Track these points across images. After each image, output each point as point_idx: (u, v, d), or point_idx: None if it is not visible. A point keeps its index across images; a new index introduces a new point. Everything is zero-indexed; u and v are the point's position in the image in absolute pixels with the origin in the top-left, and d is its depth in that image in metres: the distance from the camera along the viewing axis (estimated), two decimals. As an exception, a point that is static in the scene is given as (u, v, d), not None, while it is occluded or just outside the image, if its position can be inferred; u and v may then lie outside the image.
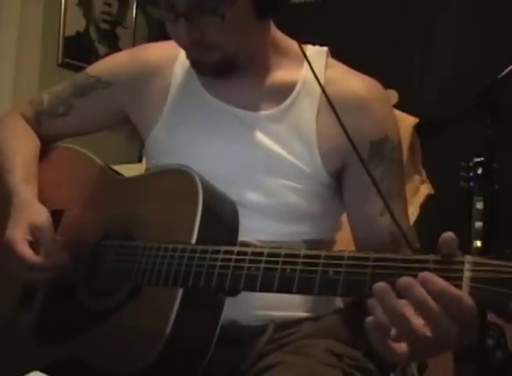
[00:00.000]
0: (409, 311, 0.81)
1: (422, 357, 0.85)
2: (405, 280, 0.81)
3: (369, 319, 0.82)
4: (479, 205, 1.81)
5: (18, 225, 1.16)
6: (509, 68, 1.82)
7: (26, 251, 1.13)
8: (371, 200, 1.17)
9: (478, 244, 1.79)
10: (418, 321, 0.81)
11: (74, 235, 1.19)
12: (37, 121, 1.38)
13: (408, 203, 1.27)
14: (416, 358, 0.85)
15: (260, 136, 1.19)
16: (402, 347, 0.82)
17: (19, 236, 1.15)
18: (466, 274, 0.80)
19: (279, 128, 1.19)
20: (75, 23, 3.31)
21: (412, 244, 1.02)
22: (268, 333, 1.16)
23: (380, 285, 0.81)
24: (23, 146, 1.32)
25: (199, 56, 1.16)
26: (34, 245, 1.15)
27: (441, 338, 0.81)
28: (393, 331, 0.82)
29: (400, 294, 0.81)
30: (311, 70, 1.10)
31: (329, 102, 1.06)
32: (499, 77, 1.82)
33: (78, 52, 3.27)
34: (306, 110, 1.19)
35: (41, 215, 1.18)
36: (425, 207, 1.81)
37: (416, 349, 0.82)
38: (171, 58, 1.28)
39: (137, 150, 3.24)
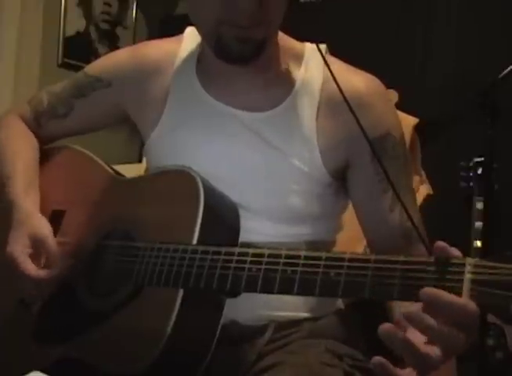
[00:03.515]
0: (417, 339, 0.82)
1: (432, 371, 0.86)
2: (409, 313, 0.81)
3: (377, 359, 0.82)
4: (479, 205, 1.81)
5: (18, 239, 1.16)
6: (509, 68, 1.82)
7: (28, 266, 1.13)
8: (379, 197, 1.17)
9: (478, 244, 1.78)
10: (427, 348, 0.82)
11: (75, 235, 1.19)
12: (37, 122, 1.38)
13: (414, 189, 1.27)
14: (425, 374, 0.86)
15: (260, 137, 1.18)
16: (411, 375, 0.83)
17: (19, 251, 1.14)
18: (467, 276, 0.80)
19: (279, 128, 1.18)
20: (75, 23, 3.31)
21: (424, 237, 1.02)
22: (268, 333, 1.16)
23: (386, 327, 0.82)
24: (23, 150, 1.32)
25: (249, 30, 1.10)
26: (35, 257, 1.15)
27: (450, 352, 0.82)
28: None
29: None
30: (330, 73, 1.08)
31: (346, 100, 1.05)
32: (500, 77, 1.82)
33: (78, 52, 3.27)
34: (306, 109, 1.19)
35: (41, 226, 1.17)
36: (425, 207, 1.81)
37: (427, 370, 0.83)
38: (171, 55, 1.27)
39: (137, 150, 3.24)
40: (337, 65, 1.20)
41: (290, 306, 1.19)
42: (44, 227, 1.17)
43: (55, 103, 1.36)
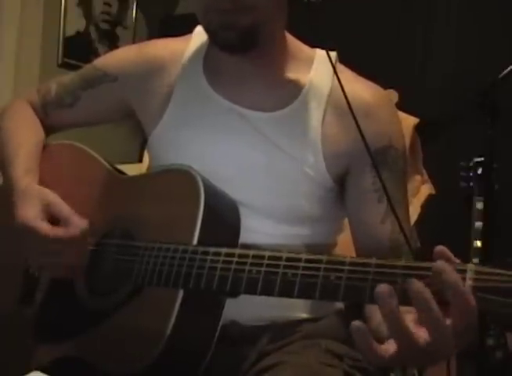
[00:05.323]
0: (408, 317, 0.81)
1: (413, 363, 0.85)
2: (414, 282, 0.80)
3: (357, 323, 0.81)
4: (479, 205, 1.81)
5: (28, 205, 1.13)
6: (509, 68, 1.82)
7: (45, 226, 1.10)
8: (372, 207, 1.17)
9: (478, 244, 1.78)
10: (416, 329, 0.81)
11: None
12: (44, 111, 1.39)
13: (409, 203, 1.27)
14: (405, 363, 0.85)
15: (264, 137, 1.18)
16: (390, 349, 0.82)
17: (33, 215, 1.11)
18: (468, 283, 0.79)
19: (285, 129, 1.18)
20: (75, 23, 3.31)
21: (414, 253, 1.02)
22: (268, 333, 1.16)
23: (384, 287, 0.81)
24: (28, 137, 1.32)
25: (230, 15, 1.10)
26: (49, 221, 1.12)
27: (438, 348, 0.80)
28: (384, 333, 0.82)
29: (405, 299, 0.81)
30: (337, 80, 1.08)
31: (351, 109, 1.05)
32: (500, 77, 1.83)
33: (78, 52, 3.27)
34: (312, 113, 1.19)
35: (49, 193, 1.15)
36: (426, 207, 1.81)
37: (408, 354, 0.82)
38: (178, 54, 1.27)
39: (137, 149, 3.24)
40: (345, 73, 1.19)
41: (291, 307, 1.19)
42: (51, 194, 1.15)
43: (63, 93, 1.37)
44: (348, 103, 1.06)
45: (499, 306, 0.77)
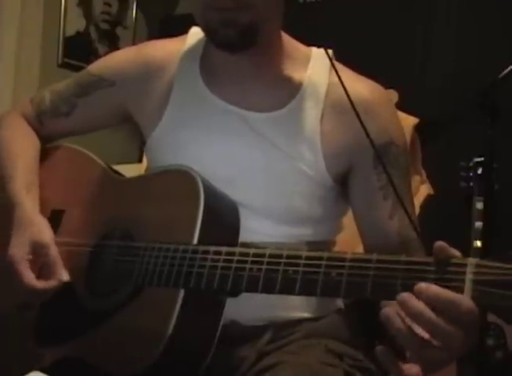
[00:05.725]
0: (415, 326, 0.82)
1: (436, 370, 0.86)
2: (401, 296, 0.82)
3: (380, 347, 0.83)
4: (479, 205, 1.80)
5: (20, 244, 1.15)
6: (509, 68, 1.82)
7: (27, 274, 1.13)
8: (379, 204, 1.17)
9: (478, 244, 1.78)
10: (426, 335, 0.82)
11: (75, 235, 1.19)
12: (39, 121, 1.37)
13: (414, 199, 1.27)
14: (430, 372, 0.86)
15: (263, 137, 1.18)
16: (414, 368, 0.83)
17: (20, 257, 1.14)
18: (469, 276, 0.80)
19: (283, 129, 1.18)
20: (75, 23, 3.31)
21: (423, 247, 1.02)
22: (268, 333, 1.16)
23: (388, 310, 0.82)
24: (24, 149, 1.31)
25: (231, 12, 1.10)
26: (35, 264, 1.15)
27: (448, 346, 0.81)
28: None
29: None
30: (337, 75, 1.08)
31: (352, 104, 1.05)
32: (500, 77, 1.82)
33: (78, 52, 3.27)
34: (310, 112, 1.19)
35: (43, 232, 1.17)
36: (425, 207, 1.81)
37: (430, 365, 0.83)
38: (175, 55, 1.27)
39: (137, 150, 3.24)
40: (343, 72, 1.19)
41: (291, 306, 1.19)
42: (46, 233, 1.17)
43: (58, 102, 1.36)
44: (349, 97, 1.06)
45: (498, 299, 0.77)
